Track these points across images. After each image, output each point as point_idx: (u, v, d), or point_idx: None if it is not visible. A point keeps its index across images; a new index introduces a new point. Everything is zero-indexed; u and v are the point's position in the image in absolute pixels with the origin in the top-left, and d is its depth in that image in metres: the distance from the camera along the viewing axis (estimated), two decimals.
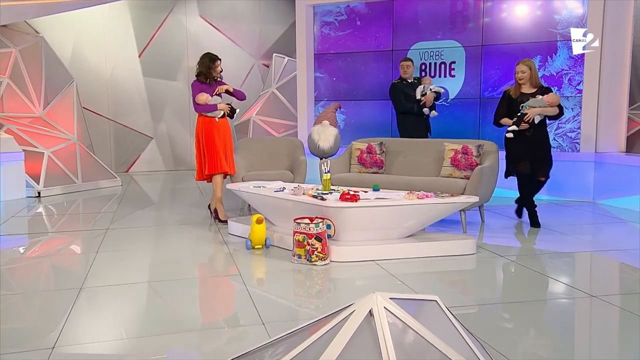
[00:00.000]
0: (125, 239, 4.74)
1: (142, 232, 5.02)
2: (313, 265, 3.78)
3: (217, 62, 5.22)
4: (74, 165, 7.64)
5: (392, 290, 3.11)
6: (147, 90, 9.55)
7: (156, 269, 3.90)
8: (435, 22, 6.97)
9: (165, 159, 9.81)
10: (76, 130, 7.99)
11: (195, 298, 3.31)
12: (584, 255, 4.23)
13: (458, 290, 3.49)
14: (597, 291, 3.28)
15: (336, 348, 1.38)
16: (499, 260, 4.00)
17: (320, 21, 7.61)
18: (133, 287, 3.45)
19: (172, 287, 3.45)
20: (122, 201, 6.69)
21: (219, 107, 5.18)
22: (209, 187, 8.04)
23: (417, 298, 1.69)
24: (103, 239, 4.67)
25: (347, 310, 1.54)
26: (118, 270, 3.82)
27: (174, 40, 9.61)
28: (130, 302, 3.22)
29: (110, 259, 4.08)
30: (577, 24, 6.20)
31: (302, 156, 5.81)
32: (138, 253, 4.31)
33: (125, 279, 3.59)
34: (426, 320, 1.54)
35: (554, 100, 4.69)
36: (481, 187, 4.72)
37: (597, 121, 6.24)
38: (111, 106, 9.40)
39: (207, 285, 3.52)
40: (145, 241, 4.72)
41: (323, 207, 3.97)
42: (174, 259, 4.14)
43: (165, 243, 4.64)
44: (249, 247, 4.25)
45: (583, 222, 5.38)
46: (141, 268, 3.92)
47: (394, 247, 4.01)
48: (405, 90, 6.08)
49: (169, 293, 3.35)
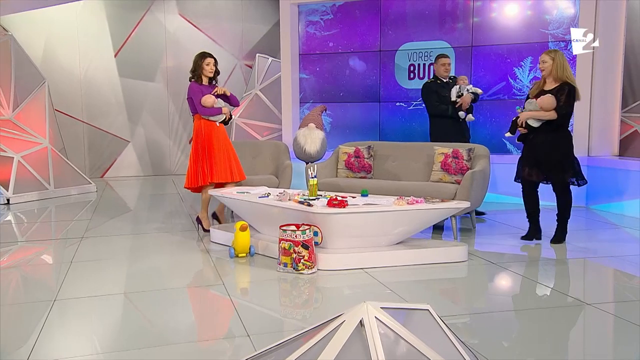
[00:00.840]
0: (101, 248, 4.70)
1: (118, 241, 4.97)
2: (300, 274, 3.78)
3: (207, 59, 4.97)
4: (45, 170, 7.54)
5: (381, 299, 3.12)
6: (123, 91, 9.49)
7: (134, 280, 3.86)
8: (423, 22, 7.05)
9: (142, 163, 9.74)
10: (48, 133, 7.90)
11: (176, 310, 3.29)
12: (577, 262, 4.29)
13: (449, 298, 3.52)
14: (591, 299, 3.33)
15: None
16: (491, 268, 4.04)
17: (305, 20, 7.63)
18: (109, 299, 3.41)
19: (150, 298, 3.42)
20: (97, 208, 6.63)
21: (223, 111, 5.05)
22: (189, 193, 7.99)
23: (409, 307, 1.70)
24: (77, 249, 4.62)
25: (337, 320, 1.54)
26: (93, 281, 3.78)
27: (152, 39, 9.57)
28: (107, 314, 3.18)
29: (84, 270, 4.03)
30: (569, 24, 6.31)
31: (287, 160, 5.81)
32: (114, 263, 4.27)
33: (101, 291, 3.55)
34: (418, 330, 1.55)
35: (545, 104, 4.36)
36: (472, 192, 4.77)
37: (589, 124, 6.34)
38: (85, 108, 9.31)
39: (188, 296, 3.50)
40: (121, 250, 4.68)
41: (310, 214, 3.98)
42: (152, 268, 4.11)
43: (143, 252, 4.60)
44: (232, 255, 4.24)
45: (576, 228, 5.46)
46: (118, 279, 3.88)
47: (383, 254, 4.03)
48: (440, 90, 5.68)
49: (148, 305, 3.32)
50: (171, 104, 9.78)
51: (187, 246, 4.70)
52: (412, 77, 7.15)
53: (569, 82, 4.38)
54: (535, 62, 6.52)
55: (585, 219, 5.75)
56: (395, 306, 1.65)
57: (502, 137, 4.76)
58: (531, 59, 6.54)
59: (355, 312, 1.52)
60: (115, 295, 3.50)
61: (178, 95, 9.75)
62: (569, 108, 4.39)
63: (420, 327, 1.61)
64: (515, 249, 4.64)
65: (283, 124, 7.89)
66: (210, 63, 4.98)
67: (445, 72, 5.74)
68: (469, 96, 5.58)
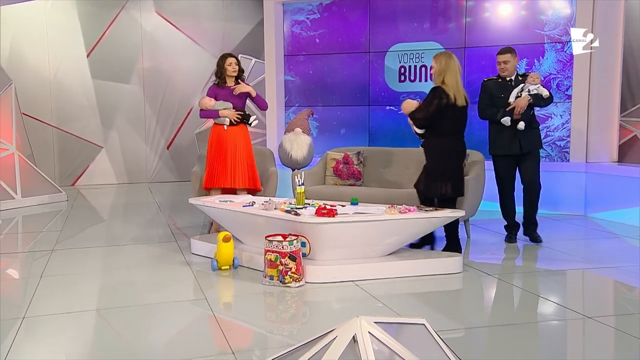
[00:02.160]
0: (73, 261, 4.65)
1: (91, 253, 4.94)
2: (286, 287, 3.78)
3: (228, 60, 5.17)
4: (12, 178, 7.45)
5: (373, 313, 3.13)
6: (96, 94, 9.42)
7: (108, 295, 3.83)
8: (414, 22, 7.12)
9: (117, 170, 9.67)
10: (15, 139, 7.81)
11: (154, 327, 3.27)
12: (576, 273, 4.34)
13: (444, 312, 3.54)
14: (591, 311, 3.38)
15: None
16: (487, 279, 4.07)
17: (290, 20, 7.67)
18: (82, 316, 3.38)
19: (126, 315, 3.39)
20: (69, 218, 6.57)
21: (220, 114, 5.14)
22: (167, 202, 7.96)
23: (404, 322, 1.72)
24: (47, 262, 4.57)
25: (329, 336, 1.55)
26: (64, 297, 3.74)
27: (127, 38, 9.53)
28: (79, 333, 3.15)
29: (55, 285, 3.99)
30: (565, 25, 6.42)
31: (272, 167, 5.81)
32: (87, 277, 4.23)
33: (73, 307, 3.52)
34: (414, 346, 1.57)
35: (406, 107, 4.53)
36: (467, 200, 4.81)
37: (587, 129, 6.44)
38: (55, 112, 9.23)
39: (167, 312, 3.48)
40: (95, 263, 4.64)
41: (297, 223, 3.99)
42: (128, 283, 4.08)
43: (118, 265, 4.57)
44: (215, 268, 4.22)
45: (574, 237, 5.53)
46: (91, 294, 3.85)
47: (374, 266, 4.04)
48: (495, 90, 5.07)
49: (123, 322, 3.30)
50: (148, 107, 9.73)
51: (166, 258, 4.68)
52: (403, 80, 7.21)
53: (439, 86, 4.40)
54: (530, 65, 6.62)
55: (584, 228, 5.83)
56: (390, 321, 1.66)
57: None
58: (526, 61, 6.63)
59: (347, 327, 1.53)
60: (89, 311, 3.46)
61: (155, 98, 9.71)
62: (424, 113, 4.38)
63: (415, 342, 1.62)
64: (512, 259, 4.69)
65: (267, 128, 7.89)
66: (232, 63, 5.18)
67: (502, 71, 5.06)
68: (525, 98, 4.86)
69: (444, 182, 4.37)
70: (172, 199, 8.40)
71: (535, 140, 5.09)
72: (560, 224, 6.01)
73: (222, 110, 5.14)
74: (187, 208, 5.72)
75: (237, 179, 5.12)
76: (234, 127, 5.18)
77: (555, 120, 6.57)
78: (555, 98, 6.55)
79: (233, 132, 5.18)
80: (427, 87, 7.02)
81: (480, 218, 5.84)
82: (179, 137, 9.90)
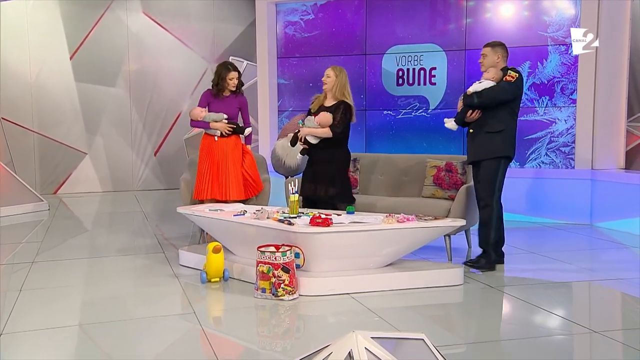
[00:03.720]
0: (54, 273, 4.63)
1: (74, 265, 4.92)
2: (279, 301, 3.77)
3: (232, 73, 5.32)
4: None
5: (370, 327, 3.14)
6: (80, 97, 9.42)
7: (91, 310, 3.81)
8: (413, 23, 7.16)
9: (101, 178, 9.65)
10: None
11: (140, 343, 3.25)
12: (582, 285, 4.36)
13: (444, 326, 3.54)
14: (597, 326, 3.38)
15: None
16: (489, 292, 4.08)
17: (283, 20, 7.70)
18: (64, 332, 3.36)
19: (111, 330, 3.38)
20: (50, 229, 6.54)
21: (211, 126, 5.26)
22: (154, 211, 7.95)
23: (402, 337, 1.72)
24: (27, 275, 4.55)
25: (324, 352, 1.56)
26: (45, 311, 3.72)
27: (113, 40, 9.53)
28: (61, 349, 3.13)
29: (35, 299, 3.97)
30: (569, 26, 6.47)
31: (265, 174, 5.82)
32: (69, 290, 4.21)
33: (55, 322, 3.50)
34: None
35: (323, 121, 4.76)
36: (468, 209, 4.83)
37: (593, 134, 6.48)
38: (36, 116, 9.21)
39: (154, 327, 3.47)
40: (78, 276, 4.62)
41: (290, 233, 3.99)
42: (113, 296, 4.06)
43: (102, 277, 4.55)
44: (204, 280, 4.21)
45: (580, 247, 5.55)
46: (73, 309, 3.83)
47: (371, 278, 4.04)
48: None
49: (108, 338, 3.28)
50: (134, 112, 9.73)
51: (153, 270, 4.66)
52: (401, 83, 7.23)
53: (345, 101, 4.81)
54: (534, 67, 6.66)
55: (590, 238, 5.85)
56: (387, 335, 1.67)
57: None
58: (529, 64, 6.68)
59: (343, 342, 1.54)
60: (71, 327, 3.44)
61: (141, 102, 9.72)
62: (343, 127, 4.79)
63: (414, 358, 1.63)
64: (515, 271, 4.70)
65: (260, 134, 7.90)
66: (235, 77, 5.32)
67: (481, 67, 4.67)
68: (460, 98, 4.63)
69: (342, 187, 4.88)
70: (160, 207, 8.39)
71: (482, 147, 4.50)
72: (565, 233, 6.04)
73: (213, 123, 5.25)
74: (176, 217, 5.71)
75: (228, 192, 5.21)
76: (225, 138, 5.30)
77: (560, 125, 6.62)
78: (559, 102, 6.61)
79: (224, 142, 5.28)
80: (427, 90, 7.09)
81: None
82: (166, 143, 9.90)
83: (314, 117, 4.86)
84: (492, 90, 4.40)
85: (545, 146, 6.69)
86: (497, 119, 4.46)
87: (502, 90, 4.40)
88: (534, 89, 6.68)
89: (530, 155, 6.75)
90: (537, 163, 6.73)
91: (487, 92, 4.39)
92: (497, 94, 4.40)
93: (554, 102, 6.64)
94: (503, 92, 4.40)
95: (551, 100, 6.65)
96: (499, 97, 4.40)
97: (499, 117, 4.46)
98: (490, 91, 4.39)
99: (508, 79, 4.42)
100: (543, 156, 6.71)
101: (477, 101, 4.40)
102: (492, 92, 4.39)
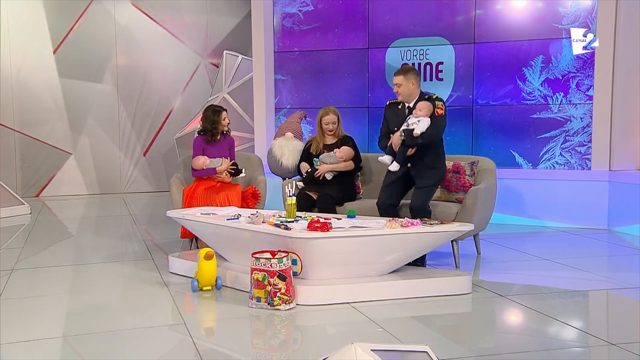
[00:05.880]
0: (36, 282, 4.63)
1: (57, 273, 4.91)
2: (275, 310, 3.77)
3: (223, 113, 5.55)
4: None
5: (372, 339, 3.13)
6: (64, 94, 9.43)
7: (76, 321, 3.81)
8: (418, 15, 7.16)
9: (87, 180, 9.66)
10: None
11: (127, 355, 3.25)
12: (599, 294, 4.35)
13: (451, 338, 3.54)
14: (616, 338, 3.38)
15: None
16: (499, 301, 4.08)
17: (281, 12, 7.71)
18: (46, 344, 3.35)
19: (97, 342, 3.37)
20: (32, 234, 6.55)
21: (218, 170, 5.39)
22: (143, 215, 7.96)
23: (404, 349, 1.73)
24: (6, 283, 4.54)
25: None
26: (27, 322, 3.72)
27: (99, 33, 9.55)
28: None
29: (16, 309, 3.97)
30: (586, 18, 6.47)
31: (260, 176, 5.82)
32: (53, 300, 4.21)
33: (36, 334, 3.50)
34: None
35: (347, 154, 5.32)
36: (476, 213, 4.83)
37: (610, 133, 6.47)
38: (18, 115, 9.23)
39: (142, 339, 3.47)
40: (61, 284, 4.62)
41: (287, 238, 3.98)
42: (98, 306, 4.06)
43: (87, 286, 4.55)
44: (195, 289, 4.21)
45: (596, 253, 5.54)
46: (56, 319, 3.82)
47: (373, 286, 4.04)
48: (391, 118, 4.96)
49: (93, 350, 3.28)
50: (122, 110, 9.74)
51: (141, 278, 4.67)
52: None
53: (348, 135, 5.55)
54: (547, 62, 6.66)
55: (607, 244, 5.85)
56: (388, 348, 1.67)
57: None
58: (542, 58, 6.68)
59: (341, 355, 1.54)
60: (54, 339, 3.44)
61: (130, 99, 9.72)
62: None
63: None
64: (527, 278, 4.70)
65: (255, 133, 7.90)
66: (226, 117, 5.58)
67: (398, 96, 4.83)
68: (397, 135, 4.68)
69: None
70: (149, 211, 8.39)
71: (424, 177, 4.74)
72: (580, 238, 6.03)
73: (220, 167, 5.39)
74: (166, 221, 5.71)
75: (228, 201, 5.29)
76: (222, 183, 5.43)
77: (575, 123, 6.61)
78: (575, 99, 6.60)
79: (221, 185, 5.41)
80: (433, 86, 7.09)
81: (492, 232, 5.85)
82: (156, 143, 9.90)
83: (332, 152, 5.35)
84: (432, 129, 4.61)
85: (560, 146, 6.69)
86: (433, 151, 4.76)
87: (440, 127, 4.69)
88: (547, 84, 6.68)
89: (543, 155, 6.75)
90: (551, 164, 6.73)
91: (429, 132, 4.59)
92: (437, 132, 4.68)
93: (569, 99, 6.63)
94: (441, 129, 4.72)
95: (566, 96, 6.64)
96: (439, 135, 4.74)
97: (434, 148, 4.76)
98: (431, 130, 4.60)
99: (439, 112, 4.66)
100: (557, 156, 6.71)
101: (421, 142, 4.62)
102: (432, 132, 4.62)
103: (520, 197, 6.65)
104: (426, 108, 4.63)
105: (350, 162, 5.36)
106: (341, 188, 5.30)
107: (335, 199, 5.20)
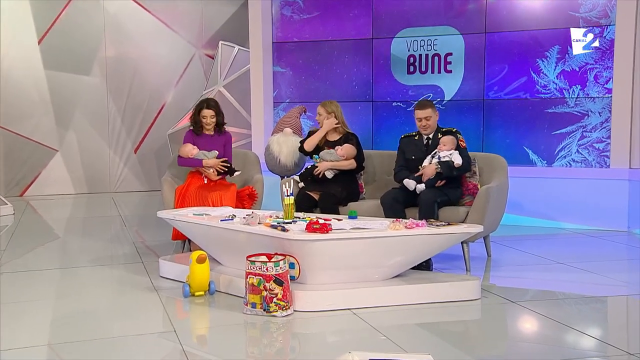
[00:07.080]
0: (20, 286, 4.63)
1: (42, 277, 4.92)
2: (271, 317, 3.77)
3: (203, 112, 5.52)
4: None
5: (373, 348, 3.13)
6: (49, 87, 9.43)
7: (61, 328, 3.82)
8: (426, 3, 7.15)
9: (74, 178, 9.67)
10: None
11: None
12: (618, 300, 4.34)
13: (458, 347, 3.53)
14: (636, 347, 3.36)
15: None
16: (510, 308, 4.07)
17: (280, 1, 7.70)
18: (31, 353, 3.35)
19: (83, 350, 3.38)
20: (15, 235, 6.56)
21: (204, 164, 5.38)
22: (133, 216, 7.96)
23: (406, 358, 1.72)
24: None
25: None
26: (10, 329, 3.71)
27: (87, 22, 9.55)
28: None
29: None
30: (604, 5, 6.46)
31: (257, 174, 5.82)
32: (37, 305, 4.21)
33: (20, 342, 3.50)
34: None
35: (349, 152, 5.32)
36: (487, 214, 4.82)
37: (631, 129, 6.46)
38: (0, 109, 9.23)
39: (130, 347, 3.47)
40: (47, 289, 4.62)
41: (285, 241, 3.98)
42: (85, 312, 4.07)
43: (74, 291, 4.56)
44: (187, 294, 4.21)
45: (615, 257, 5.53)
46: (41, 326, 3.83)
47: (375, 291, 4.03)
48: (409, 150, 5.26)
49: (79, 358, 3.28)
50: (112, 104, 9.75)
51: (130, 283, 4.67)
52: (413, 71, 7.23)
53: (351, 132, 5.54)
54: (563, 53, 6.65)
55: (627, 247, 5.84)
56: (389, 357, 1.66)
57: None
58: (558, 49, 6.66)
59: None
60: (39, 347, 3.44)
61: (120, 93, 9.72)
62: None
63: None
64: (540, 283, 4.69)
65: (252, 128, 7.90)
66: (208, 116, 5.51)
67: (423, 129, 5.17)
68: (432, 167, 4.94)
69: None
70: (140, 211, 8.40)
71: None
72: (598, 241, 6.02)
73: (207, 160, 5.38)
74: (157, 222, 5.71)
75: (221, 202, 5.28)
76: (215, 182, 5.43)
77: (593, 118, 6.60)
78: (592, 92, 6.58)
79: (216, 184, 5.43)
80: (441, 79, 7.08)
81: (503, 234, 5.84)
82: (148, 139, 9.91)
83: (333, 149, 5.32)
84: (465, 163, 4.98)
85: (577, 142, 6.68)
86: (458, 180, 5.11)
87: (468, 158, 5.06)
88: (563, 77, 6.67)
89: (559, 152, 6.74)
90: (567, 161, 6.72)
91: (464, 165, 4.98)
92: (468, 162, 5.06)
93: (587, 92, 6.62)
94: (469, 160, 5.08)
95: (583, 89, 6.63)
96: (470, 166, 5.10)
97: (458, 178, 5.10)
98: (464, 163, 4.98)
99: (463, 145, 5.06)
100: (574, 153, 6.69)
101: (456, 173, 4.98)
102: (465, 165, 5.00)
103: (534, 196, 6.63)
104: (450, 142, 5.00)
105: (352, 161, 5.36)
106: (344, 187, 5.30)
107: (339, 198, 5.20)
